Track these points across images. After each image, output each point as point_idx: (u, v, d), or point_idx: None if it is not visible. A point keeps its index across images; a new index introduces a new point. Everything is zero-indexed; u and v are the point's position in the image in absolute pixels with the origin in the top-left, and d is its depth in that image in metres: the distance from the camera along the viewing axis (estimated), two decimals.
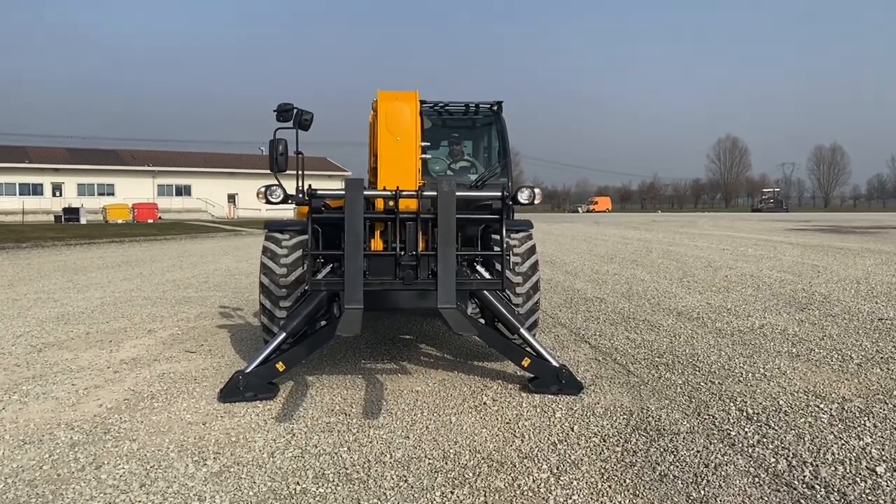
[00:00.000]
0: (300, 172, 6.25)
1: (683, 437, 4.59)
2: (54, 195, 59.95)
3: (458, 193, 5.52)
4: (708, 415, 5.05)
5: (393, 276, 5.51)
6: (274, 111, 6.09)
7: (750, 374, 6.15)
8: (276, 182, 6.28)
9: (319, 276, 5.87)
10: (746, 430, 4.74)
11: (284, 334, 5.56)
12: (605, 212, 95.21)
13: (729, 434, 4.65)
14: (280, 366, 5.48)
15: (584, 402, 5.37)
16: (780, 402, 5.36)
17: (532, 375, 5.69)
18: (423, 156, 6.46)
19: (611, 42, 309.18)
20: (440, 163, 7.59)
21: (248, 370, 5.44)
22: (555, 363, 5.60)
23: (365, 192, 5.53)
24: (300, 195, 6.31)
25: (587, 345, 7.46)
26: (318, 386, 5.84)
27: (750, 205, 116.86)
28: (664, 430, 4.74)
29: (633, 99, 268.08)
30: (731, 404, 5.30)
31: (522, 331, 5.71)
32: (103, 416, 5.05)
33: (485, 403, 5.34)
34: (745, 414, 5.07)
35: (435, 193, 5.53)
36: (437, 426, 4.84)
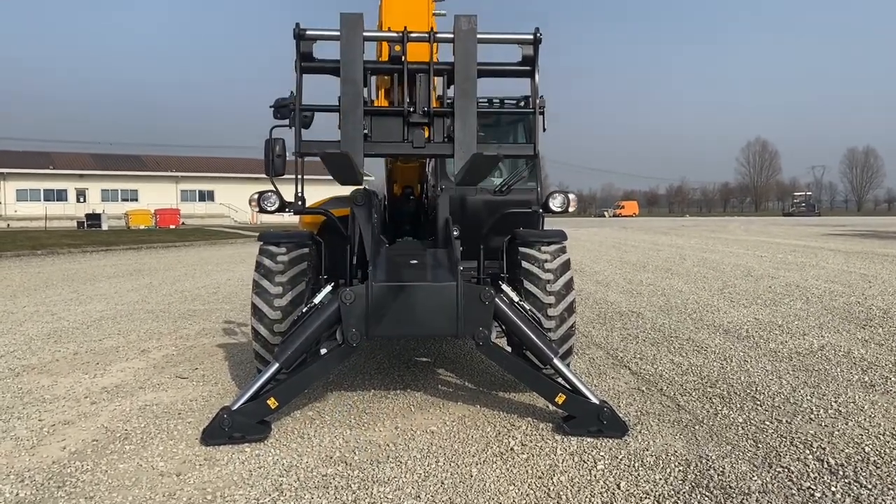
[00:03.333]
0: (300, 177, 5.48)
1: (757, 500, 3.72)
2: (78, 201, 60.03)
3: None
4: (781, 466, 4.18)
5: (401, 139, 4.66)
6: (270, 107, 5.35)
7: (821, 411, 5.26)
8: (272, 188, 5.54)
9: (319, 297, 5.09)
10: (833, 489, 3.87)
11: (278, 365, 4.77)
12: (632, 216, 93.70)
13: (812, 495, 3.78)
14: (272, 402, 4.69)
15: (629, 447, 4.52)
16: (866, 448, 4.46)
17: (567, 414, 4.85)
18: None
19: (637, 43, 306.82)
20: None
21: (235, 407, 4.66)
22: (594, 400, 4.75)
23: (365, 33, 4.65)
24: (299, 202, 5.56)
25: (627, 370, 6.60)
26: (318, 423, 5.05)
27: (780, 209, 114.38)
28: (731, 488, 3.88)
29: (660, 101, 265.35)
30: (807, 452, 4.42)
31: (556, 361, 4.87)
32: (63, 462, 4.30)
33: (512, 449, 4.50)
34: (826, 466, 4.18)
35: (451, 35, 4.65)
36: (454, 481, 4.01)
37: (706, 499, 3.75)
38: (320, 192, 7.27)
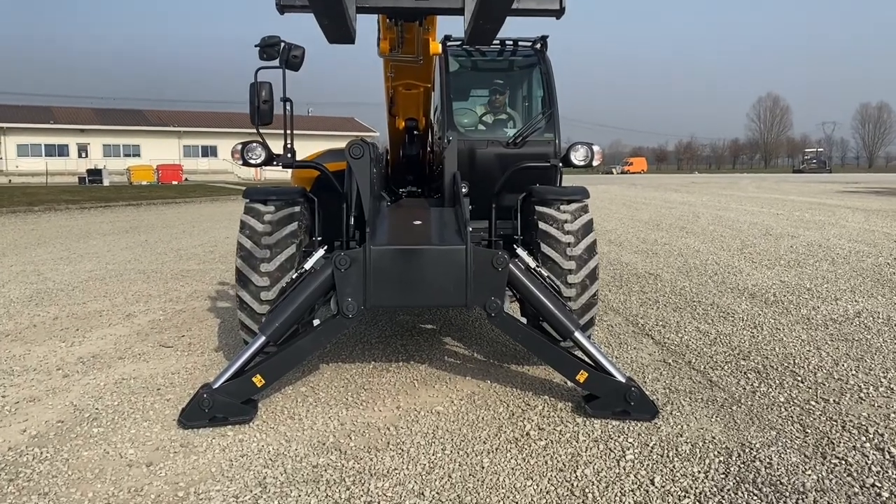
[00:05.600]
0: (288, 132, 4.90)
1: (815, 502, 3.20)
2: (80, 156, 59.28)
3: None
4: (836, 457, 3.65)
5: None
6: (256, 46, 4.73)
7: (871, 388, 4.72)
8: (259, 138, 4.95)
9: (311, 262, 4.54)
10: None
11: (264, 338, 4.24)
12: (640, 173, 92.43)
13: (879, 495, 3.26)
14: (258, 379, 4.18)
15: (661, 432, 4.00)
16: None
17: (589, 393, 4.32)
18: None
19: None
20: (469, 114, 6.14)
21: (217, 385, 4.14)
22: (620, 378, 4.22)
23: None
24: (288, 155, 4.97)
25: (650, 339, 6.06)
26: (311, 401, 4.54)
27: (790, 165, 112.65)
28: (783, 485, 3.36)
29: (670, 56, 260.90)
30: (863, 439, 3.89)
31: (577, 334, 4.32)
32: (20, 449, 3.80)
33: (528, 434, 3.99)
34: (888, 457, 3.66)
35: None
36: (462, 474, 3.50)
37: (755, 498, 3.24)
38: (317, 147, 6.70)
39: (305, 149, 6.34)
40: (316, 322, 4.43)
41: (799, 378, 4.96)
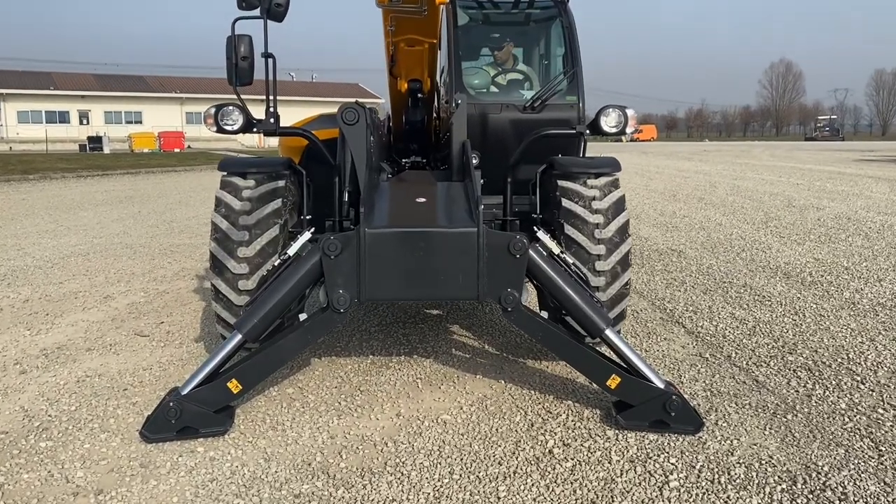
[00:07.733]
0: (271, 97, 4.23)
1: None
2: (81, 123, 58.39)
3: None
4: None
5: None
6: None
7: None
8: (237, 101, 4.29)
9: (295, 247, 3.90)
10: None
11: (241, 336, 3.62)
12: (650, 140, 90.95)
13: None
14: (234, 385, 3.56)
15: (707, 450, 3.38)
16: None
17: (619, 400, 3.70)
18: None
19: None
20: (481, 74, 5.44)
21: (186, 391, 3.54)
22: (659, 384, 3.59)
23: None
24: (270, 120, 4.31)
25: (681, 328, 5.43)
26: (299, 406, 3.93)
27: (802, 133, 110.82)
28: None
29: (679, 20, 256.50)
30: None
31: (609, 332, 3.68)
32: None
33: (551, 452, 3.37)
34: None
35: None
36: None
37: None
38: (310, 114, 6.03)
39: (308, 116, 5.68)
40: (303, 316, 3.81)
41: (858, 378, 4.33)
